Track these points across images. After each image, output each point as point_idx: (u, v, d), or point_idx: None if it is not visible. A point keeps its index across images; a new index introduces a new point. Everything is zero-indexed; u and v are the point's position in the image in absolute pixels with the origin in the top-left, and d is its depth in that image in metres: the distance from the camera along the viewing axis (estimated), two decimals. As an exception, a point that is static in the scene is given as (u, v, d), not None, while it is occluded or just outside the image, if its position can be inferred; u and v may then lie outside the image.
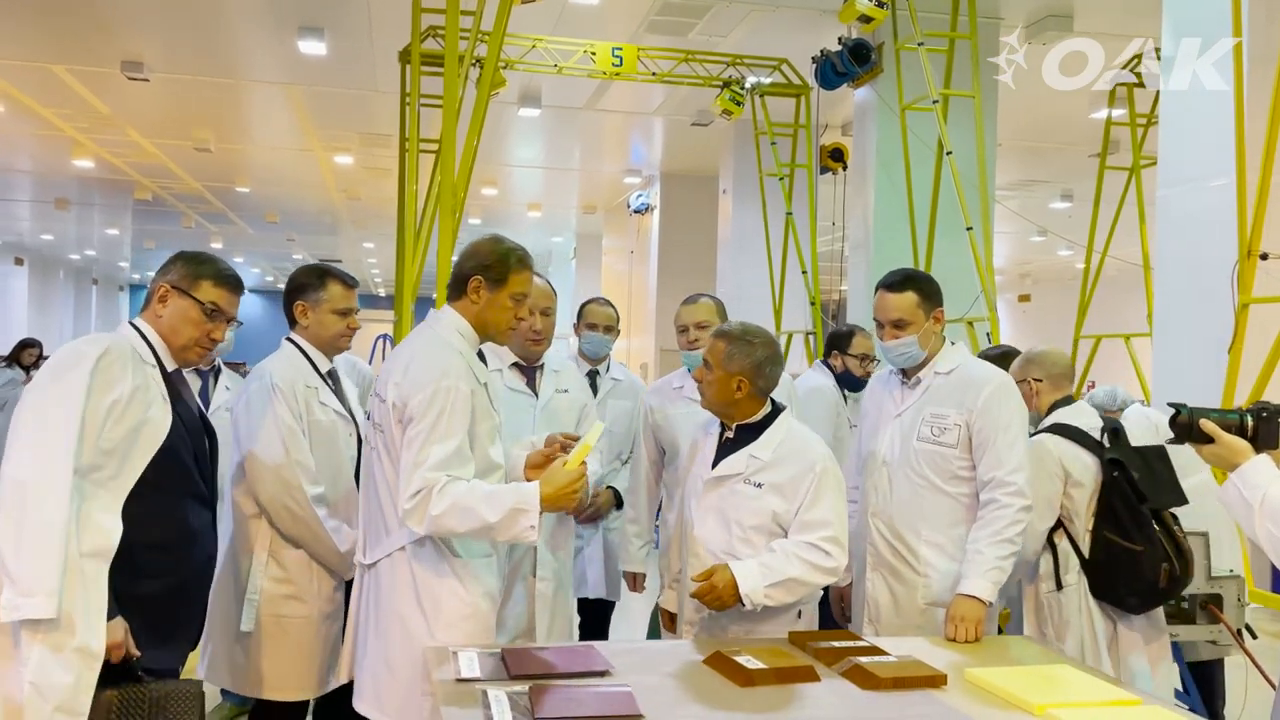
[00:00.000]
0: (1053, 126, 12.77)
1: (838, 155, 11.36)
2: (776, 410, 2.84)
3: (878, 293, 3.12)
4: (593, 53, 10.67)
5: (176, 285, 2.56)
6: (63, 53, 11.32)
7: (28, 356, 9.16)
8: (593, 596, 4.03)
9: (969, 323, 8.12)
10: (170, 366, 2.54)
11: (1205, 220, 6.42)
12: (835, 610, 3.46)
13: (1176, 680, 3.68)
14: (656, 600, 3.24)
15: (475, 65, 8.27)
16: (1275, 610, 5.95)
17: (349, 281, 3.28)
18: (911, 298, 3.03)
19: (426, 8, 8.23)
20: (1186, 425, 2.24)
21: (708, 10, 9.78)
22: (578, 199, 19.97)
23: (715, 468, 2.82)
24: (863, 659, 2.39)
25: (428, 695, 2.28)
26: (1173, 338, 6.76)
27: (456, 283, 2.65)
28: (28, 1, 9.77)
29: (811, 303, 11.08)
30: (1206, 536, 3.66)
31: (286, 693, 3.05)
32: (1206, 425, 2.21)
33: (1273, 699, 2.32)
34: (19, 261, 30.79)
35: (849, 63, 9.41)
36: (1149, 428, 4.99)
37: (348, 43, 10.57)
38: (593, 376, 4.07)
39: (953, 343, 3.15)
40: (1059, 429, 3.36)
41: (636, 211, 17.34)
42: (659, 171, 16.73)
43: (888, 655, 2.45)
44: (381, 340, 16.38)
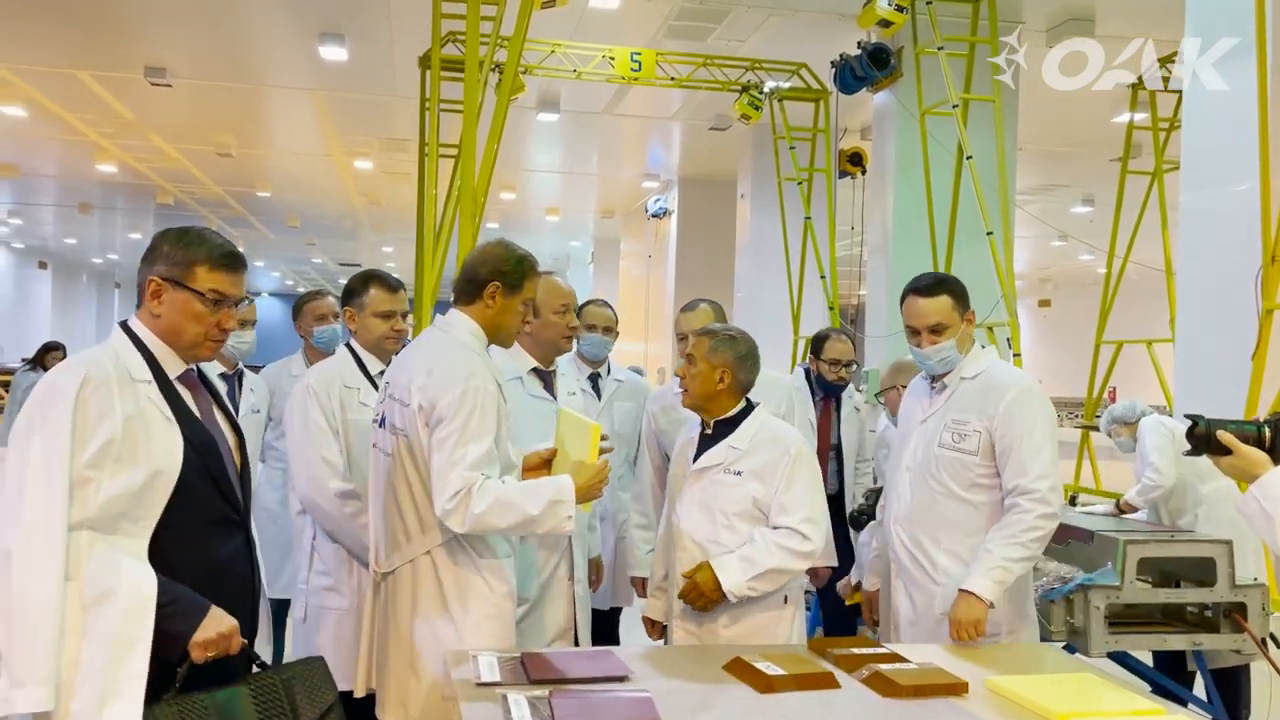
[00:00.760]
0: (1074, 130, 12.70)
1: (857, 160, 11.34)
2: (751, 406, 2.99)
3: (907, 298, 3.06)
4: (611, 58, 10.70)
5: (168, 277, 2.17)
6: (87, 59, 11.44)
7: (52, 360, 9.21)
8: (604, 608, 4.02)
9: (989, 328, 8.09)
10: (175, 371, 2.20)
11: (1228, 225, 6.36)
12: (865, 615, 3.49)
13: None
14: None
15: (495, 70, 8.31)
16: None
17: (392, 285, 3.36)
18: (946, 301, 2.99)
19: (447, 13, 8.28)
20: (1204, 436, 2.20)
21: (726, 15, 9.79)
22: (596, 203, 20.01)
23: (696, 461, 2.94)
24: (883, 666, 2.38)
25: (448, 699, 2.28)
26: (1195, 344, 6.70)
27: (471, 287, 2.67)
28: (53, 8, 9.88)
29: (830, 307, 11.06)
30: (1230, 544, 3.63)
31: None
32: (1224, 437, 2.17)
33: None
34: (43, 265, 31.13)
35: (868, 67, 9.40)
36: (1165, 435, 4.97)
37: (368, 48, 10.63)
38: (594, 380, 4.07)
39: (983, 346, 3.10)
40: None
41: (654, 216, 17.35)
42: (677, 176, 16.75)
43: (908, 662, 2.44)
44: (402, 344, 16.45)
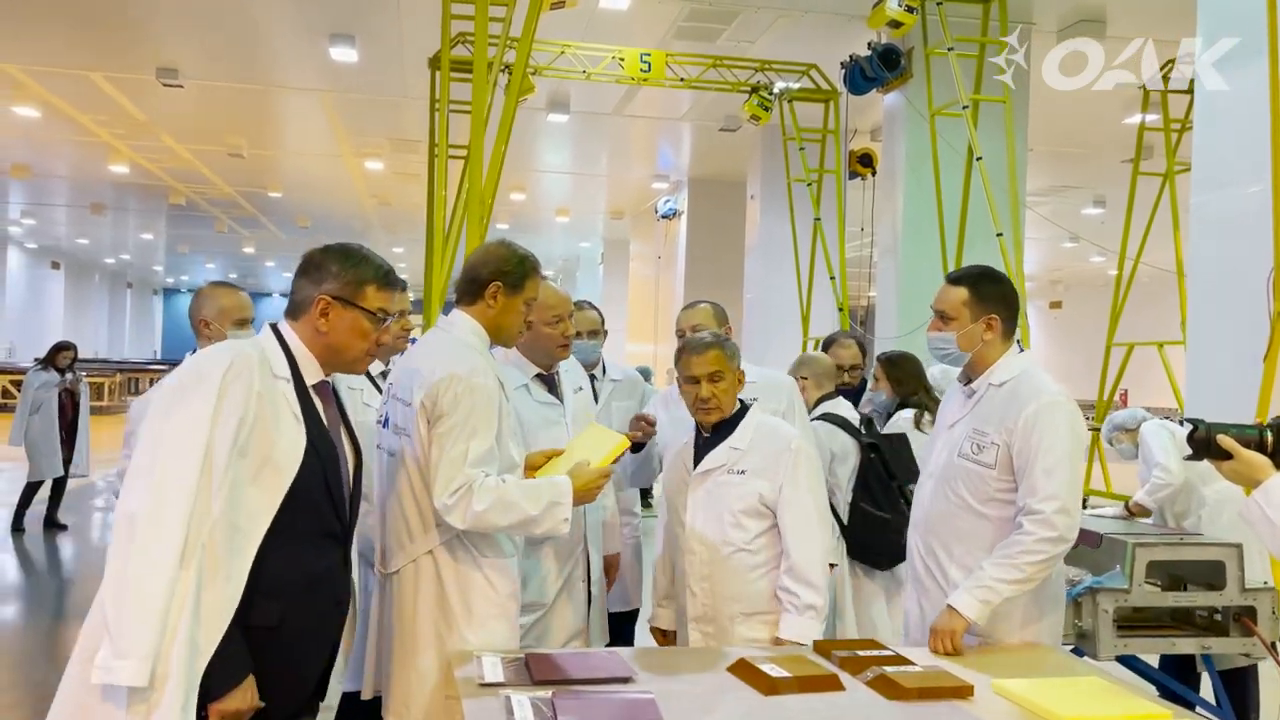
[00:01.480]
0: (1085, 132, 12.65)
1: (866, 160, 11.31)
2: (745, 407, 3.05)
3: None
4: (621, 58, 10.70)
5: (339, 296, 2.23)
6: (99, 60, 11.51)
7: (62, 359, 9.26)
8: (622, 609, 4.02)
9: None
10: (312, 380, 2.23)
11: (1240, 226, 6.30)
12: None
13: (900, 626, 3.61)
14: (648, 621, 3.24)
15: (504, 71, 8.31)
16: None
17: (394, 285, 3.33)
18: (961, 293, 2.87)
19: (456, 14, 8.29)
20: (1204, 441, 2.15)
21: (736, 16, 9.78)
22: (606, 204, 20.03)
23: (698, 465, 2.98)
24: (889, 668, 2.37)
25: (451, 699, 2.28)
26: (1206, 346, 6.65)
27: (472, 288, 2.68)
28: (66, 10, 9.94)
29: (839, 309, 11.03)
30: (1240, 548, 3.61)
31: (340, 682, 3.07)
32: (1225, 441, 2.12)
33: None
34: (55, 265, 31.31)
35: (878, 68, 9.38)
36: (1167, 436, 4.96)
37: (378, 49, 10.66)
38: (590, 381, 4.06)
39: (1021, 350, 2.93)
40: (825, 417, 4.06)
41: (664, 217, 17.36)
42: (687, 177, 16.75)
43: (914, 665, 2.43)
44: (411, 344, 16.49)
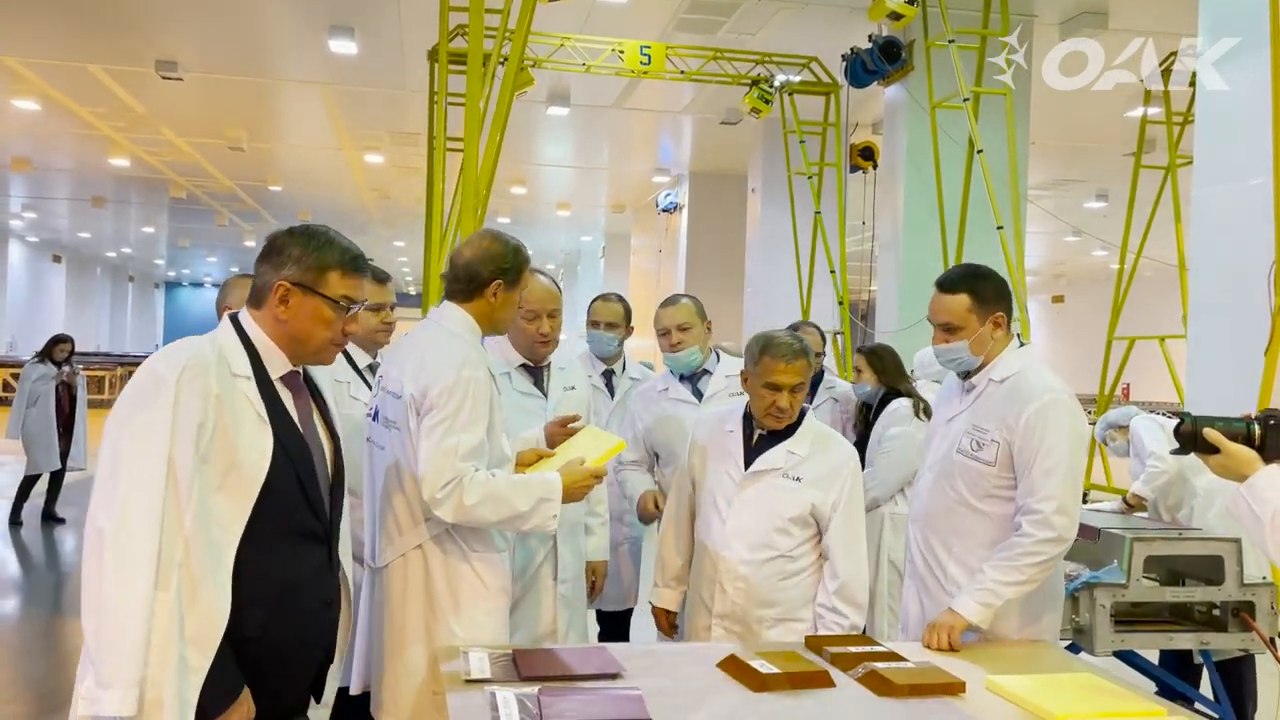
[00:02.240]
0: (1087, 125, 12.60)
1: (868, 154, 11.27)
2: (802, 411, 2.96)
3: (935, 290, 2.90)
4: (621, 51, 10.65)
5: (299, 282, 2.10)
6: (98, 52, 11.48)
7: (59, 352, 9.25)
8: (617, 609, 4.01)
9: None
10: (278, 373, 2.12)
11: (1242, 220, 6.27)
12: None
13: None
14: (649, 600, 3.21)
15: (502, 63, 8.27)
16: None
17: (379, 277, 3.30)
18: (964, 301, 2.78)
19: (455, 6, 8.24)
20: (1190, 435, 2.11)
21: (736, 8, 9.73)
22: (607, 198, 19.99)
23: (753, 464, 2.89)
24: (880, 665, 2.35)
25: (438, 695, 2.26)
26: (1207, 340, 6.63)
27: (471, 286, 2.62)
28: (64, 2, 9.90)
29: (840, 303, 11.00)
30: (1239, 543, 3.58)
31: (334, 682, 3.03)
32: (1211, 435, 2.08)
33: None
34: (57, 259, 31.32)
35: (879, 60, 9.33)
36: (1157, 428, 4.97)
37: (378, 42, 10.62)
38: (608, 377, 4.04)
39: (1022, 344, 2.87)
40: None
41: (665, 210, 17.33)
42: (688, 170, 16.71)
43: (905, 661, 2.41)
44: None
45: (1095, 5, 9.14)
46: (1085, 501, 5.30)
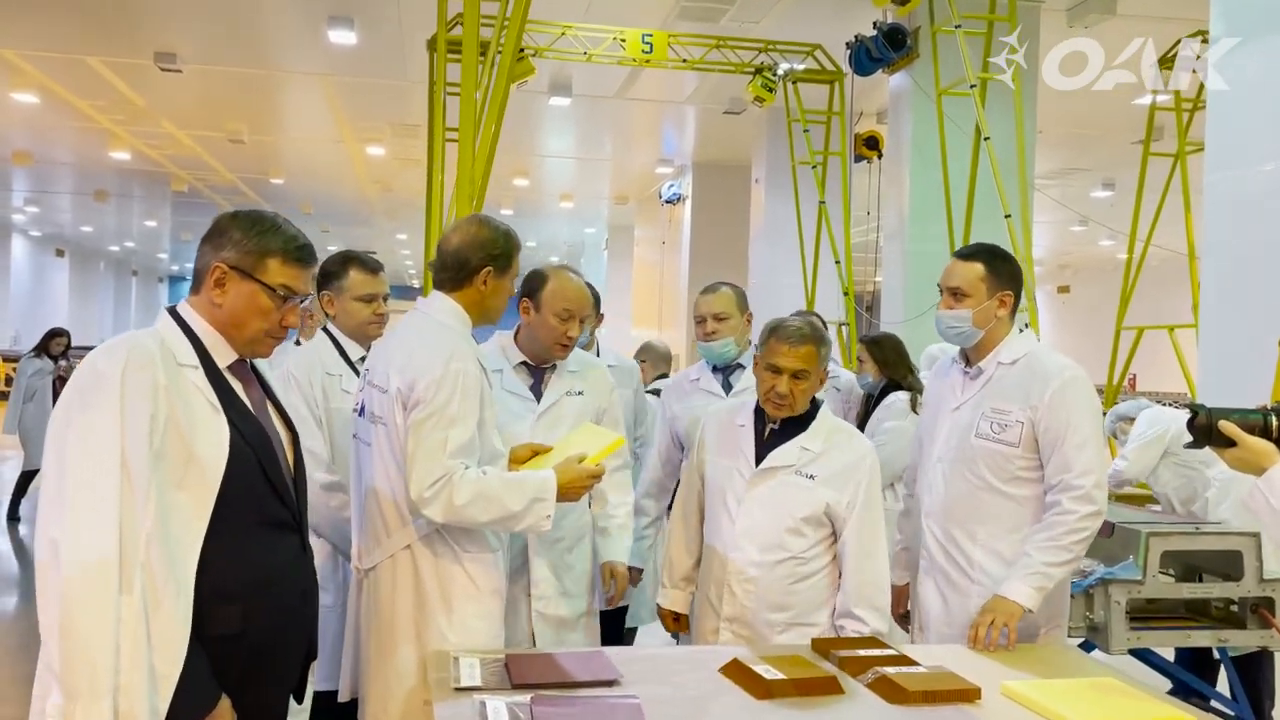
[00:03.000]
0: (1095, 112, 12.44)
1: (872, 143, 11.14)
2: (817, 404, 2.85)
3: (952, 259, 2.93)
4: (623, 40, 10.54)
5: (237, 266, 2.00)
6: (96, 45, 11.39)
7: (56, 346, 9.19)
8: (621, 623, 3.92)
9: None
10: (225, 361, 2.03)
11: (1256, 206, 6.18)
12: (894, 611, 3.33)
13: None
14: (656, 601, 3.09)
15: (500, 52, 8.17)
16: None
17: (372, 266, 3.24)
18: (978, 269, 2.80)
19: (453, -5, 8.15)
20: (1205, 427, 2.03)
21: (739, -5, 9.62)
22: (609, 189, 19.88)
23: (764, 460, 2.77)
24: (890, 670, 2.25)
25: (427, 703, 2.17)
26: (1219, 329, 6.52)
27: (461, 274, 2.51)
28: (60, -7, 9.82)
29: (845, 293, 10.91)
30: (1258, 537, 3.48)
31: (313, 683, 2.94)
32: (1227, 427, 2.01)
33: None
34: (60, 253, 31.28)
35: (884, 48, 9.21)
36: (1150, 433, 4.92)
37: (377, 32, 10.52)
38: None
39: (1021, 329, 2.88)
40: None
41: (668, 201, 17.22)
42: (691, 161, 16.61)
43: (918, 665, 2.31)
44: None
45: (1104, -10, 9.00)
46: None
